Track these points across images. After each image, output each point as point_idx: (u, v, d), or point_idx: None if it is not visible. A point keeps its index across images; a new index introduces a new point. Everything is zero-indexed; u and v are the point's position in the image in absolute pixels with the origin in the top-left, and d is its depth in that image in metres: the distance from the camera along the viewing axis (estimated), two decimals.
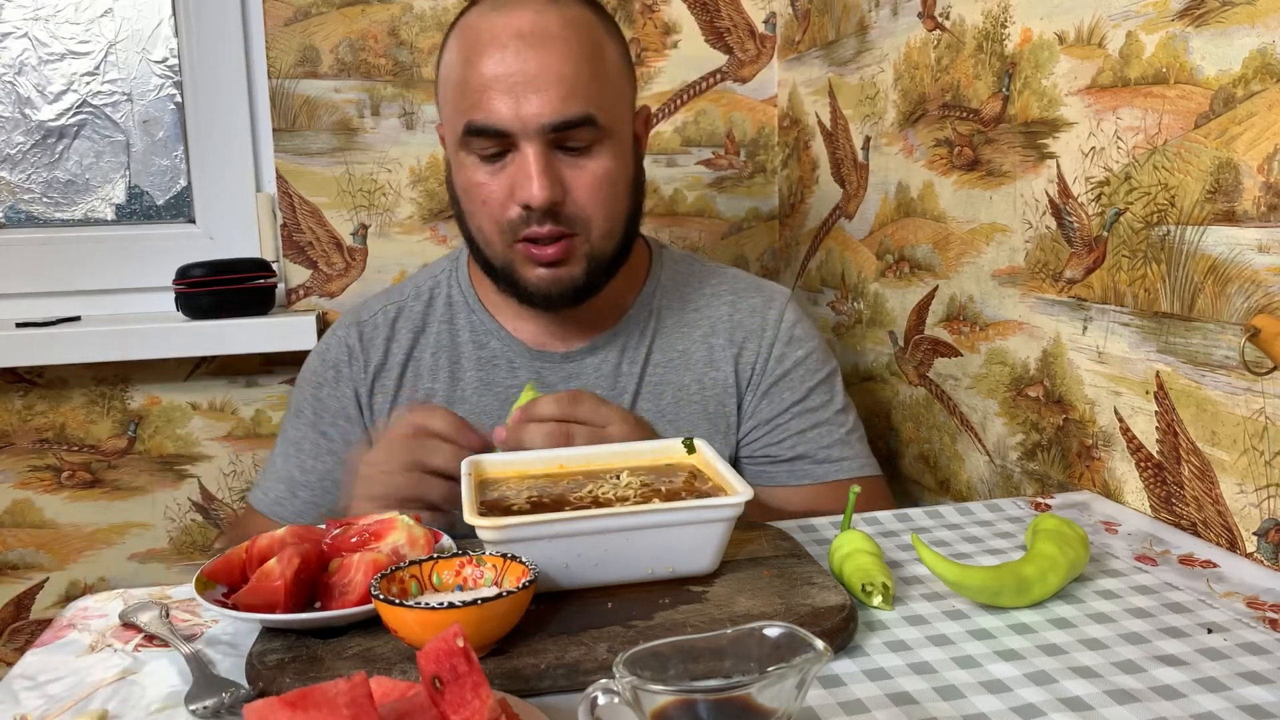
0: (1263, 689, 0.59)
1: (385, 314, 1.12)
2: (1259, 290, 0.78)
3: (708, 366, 1.11)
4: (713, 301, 1.14)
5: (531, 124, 0.95)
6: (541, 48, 0.95)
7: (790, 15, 1.62)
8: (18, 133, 1.54)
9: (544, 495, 0.75)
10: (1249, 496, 0.80)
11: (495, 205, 0.99)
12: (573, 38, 0.97)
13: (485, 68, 0.96)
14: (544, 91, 0.95)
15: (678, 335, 1.12)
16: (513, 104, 0.95)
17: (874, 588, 0.70)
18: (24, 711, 0.60)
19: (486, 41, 0.96)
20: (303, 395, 1.12)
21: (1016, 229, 1.08)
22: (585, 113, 0.96)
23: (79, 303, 1.54)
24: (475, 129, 0.96)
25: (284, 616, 0.64)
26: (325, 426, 1.09)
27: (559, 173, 0.97)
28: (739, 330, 1.12)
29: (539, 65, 0.95)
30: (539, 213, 0.96)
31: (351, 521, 0.73)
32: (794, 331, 1.13)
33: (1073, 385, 1.00)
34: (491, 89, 0.95)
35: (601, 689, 0.48)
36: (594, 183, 0.99)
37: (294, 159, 1.53)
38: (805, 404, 1.10)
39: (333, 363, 1.11)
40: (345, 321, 1.14)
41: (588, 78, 0.97)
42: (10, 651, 1.55)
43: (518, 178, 0.96)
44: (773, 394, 1.10)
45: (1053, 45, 1.00)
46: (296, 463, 1.09)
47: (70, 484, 1.54)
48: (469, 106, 0.97)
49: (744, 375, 1.11)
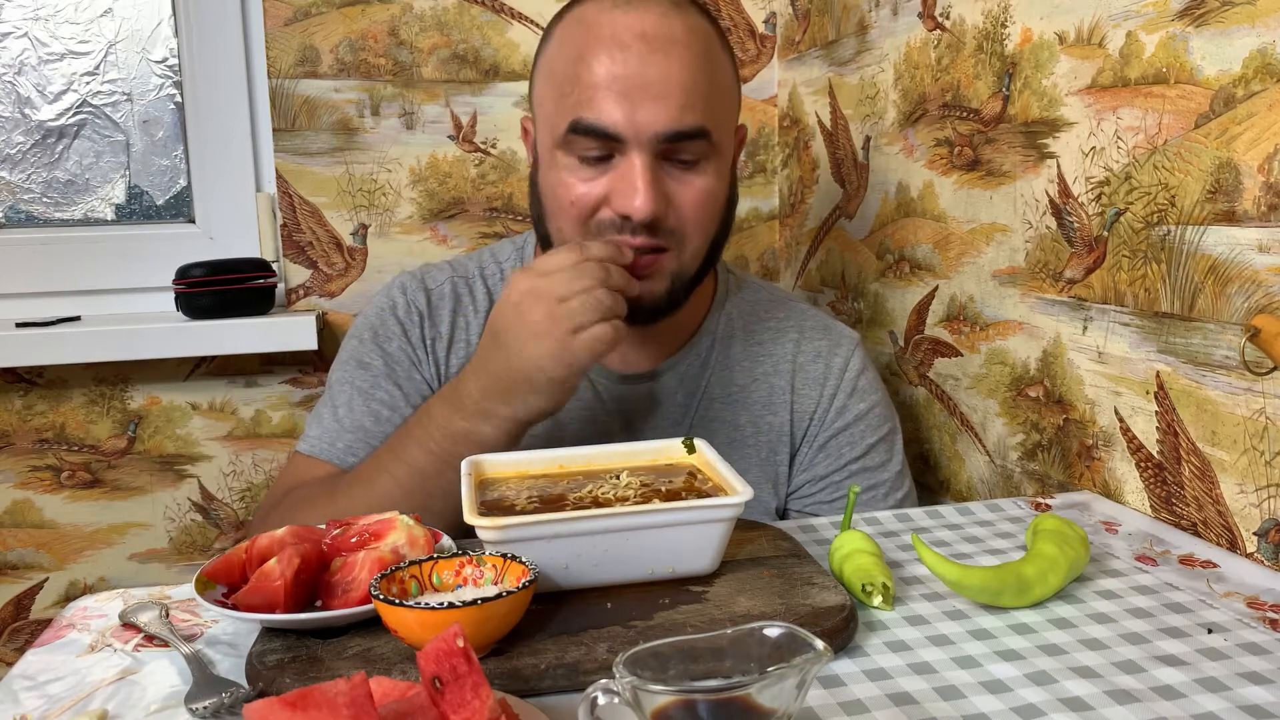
0: (1263, 689, 0.59)
1: (453, 286, 1.08)
2: (1259, 290, 0.78)
3: (765, 409, 1.06)
4: (778, 338, 1.08)
5: (646, 131, 0.90)
6: (664, 53, 0.90)
7: (790, 15, 1.62)
8: (18, 133, 1.54)
9: (544, 495, 0.75)
10: (1249, 496, 0.80)
11: (585, 208, 0.93)
12: (695, 45, 0.93)
13: (602, 65, 0.90)
14: (663, 99, 0.90)
15: (739, 370, 1.07)
16: (628, 107, 0.90)
17: (874, 588, 0.70)
18: (24, 711, 0.60)
19: (606, 38, 0.91)
20: (366, 347, 1.05)
21: (1016, 229, 1.08)
22: (700, 125, 0.92)
23: (79, 303, 1.54)
24: (583, 128, 0.91)
25: (284, 616, 0.64)
26: (400, 380, 1.04)
27: (664, 185, 0.92)
28: (800, 375, 1.07)
29: (661, 71, 0.90)
30: (635, 223, 0.91)
31: (351, 521, 0.73)
32: (858, 382, 1.07)
33: (1073, 385, 1.00)
34: (606, 88, 0.90)
35: (601, 689, 0.48)
36: (698, 199, 0.94)
37: (294, 159, 1.53)
38: (863, 462, 1.05)
39: (401, 319, 1.06)
40: (411, 284, 1.08)
41: (705, 90, 0.93)
42: (10, 651, 1.55)
43: (620, 185, 0.91)
44: (830, 448, 1.05)
45: (1053, 45, 1.00)
46: (368, 412, 1.02)
47: (70, 484, 1.54)
48: (578, 103, 0.91)
49: (800, 425, 1.06)
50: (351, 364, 1.06)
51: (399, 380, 1.04)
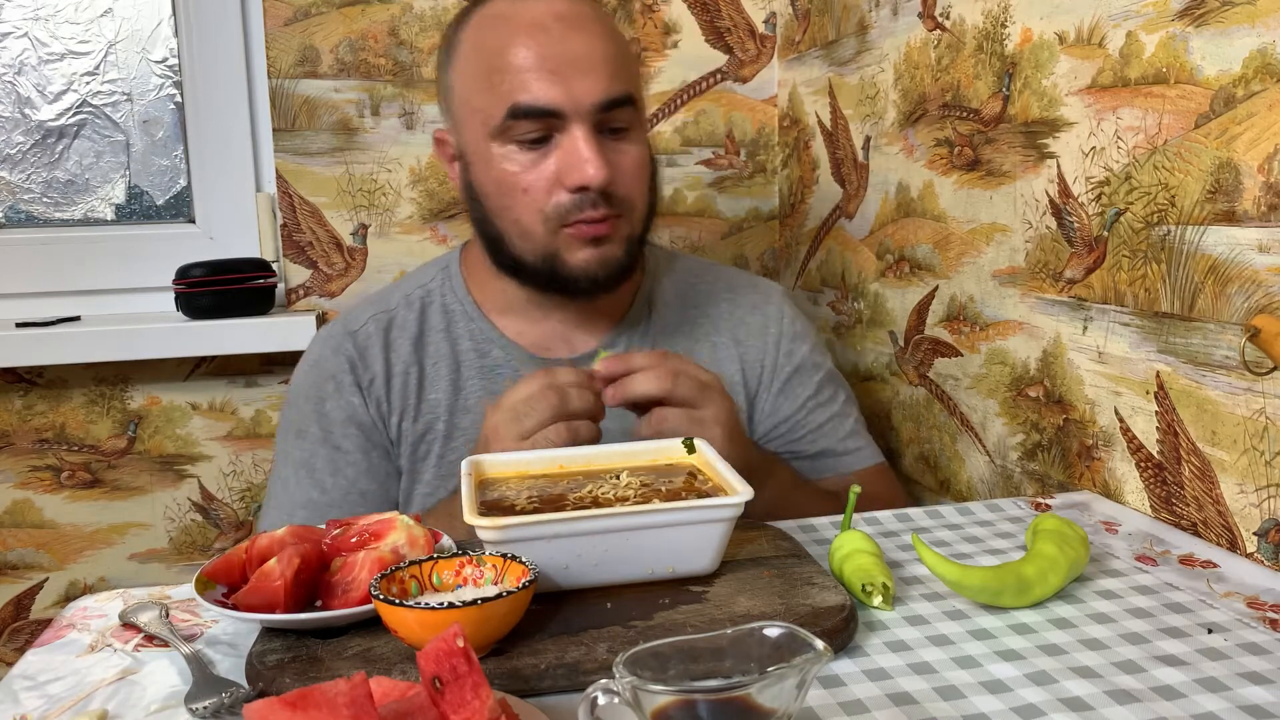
0: (1263, 689, 0.59)
1: (377, 323, 1.08)
2: (1259, 290, 0.78)
3: (712, 366, 1.09)
4: (711, 299, 1.14)
5: (584, 103, 0.94)
6: (583, 29, 0.96)
7: (790, 15, 1.62)
8: (18, 133, 1.54)
9: (544, 495, 0.75)
10: (1249, 496, 0.80)
11: (539, 193, 0.97)
12: (605, 21, 1.00)
13: (528, 49, 0.95)
14: (593, 71, 0.95)
15: (681, 334, 1.11)
16: (563, 83, 0.94)
17: (874, 588, 0.70)
18: (24, 711, 0.60)
19: (525, 24, 0.96)
20: (302, 413, 1.06)
21: (1016, 229, 1.08)
22: (628, 92, 0.97)
23: (79, 303, 1.54)
24: (523, 110, 0.95)
25: (284, 616, 0.64)
26: (338, 440, 1.04)
27: (607, 154, 0.97)
28: (741, 328, 1.13)
29: (585, 46, 0.96)
30: (592, 195, 0.95)
31: (351, 521, 0.72)
32: (795, 326, 1.14)
33: (1073, 385, 1.00)
34: (538, 69, 0.94)
35: (601, 689, 0.48)
36: (634, 165, 1.00)
37: (294, 159, 1.53)
38: (818, 398, 1.12)
39: (331, 374, 1.06)
40: (334, 333, 1.09)
41: (624, 60, 0.99)
42: (10, 651, 1.55)
43: (568, 161, 0.95)
44: (788, 391, 1.12)
45: (1053, 45, 1.00)
46: (313, 483, 1.03)
47: (70, 484, 1.54)
48: (512, 89, 0.95)
49: (752, 373, 1.11)
50: (290, 435, 1.07)
51: (336, 441, 1.05)
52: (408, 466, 1.07)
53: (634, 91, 0.99)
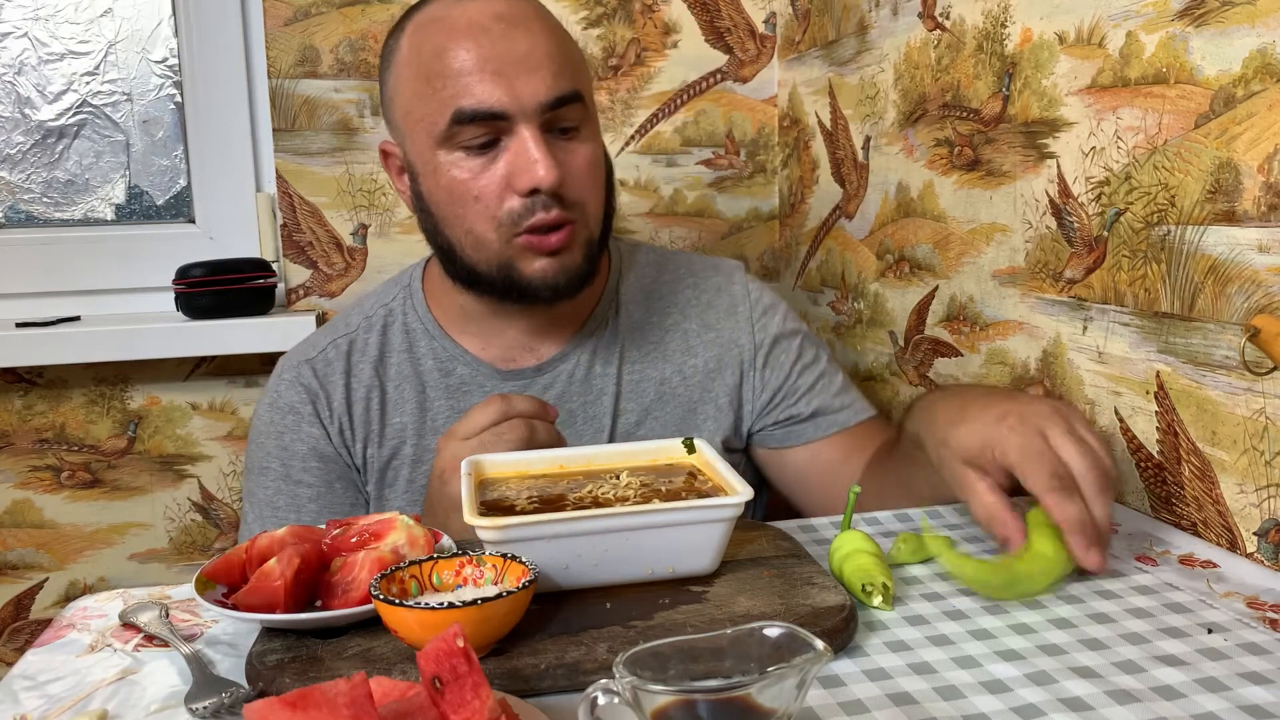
0: (1263, 689, 0.59)
1: (336, 348, 1.06)
2: (1259, 290, 0.78)
3: (684, 355, 1.10)
4: (675, 287, 1.13)
5: (530, 103, 0.92)
6: (524, 28, 0.93)
7: (790, 15, 1.62)
8: (18, 133, 1.54)
9: (544, 495, 0.75)
10: (1249, 496, 0.80)
11: (490, 199, 0.94)
12: (547, 18, 0.97)
13: (469, 51, 0.92)
14: (538, 70, 0.92)
15: (648, 326, 1.10)
16: (506, 84, 0.91)
17: (874, 588, 0.70)
18: (24, 711, 0.60)
19: (464, 26, 0.93)
20: (264, 450, 1.04)
21: (1016, 229, 1.08)
22: (575, 89, 0.94)
23: (79, 303, 1.54)
24: (468, 114, 0.92)
25: (284, 616, 0.64)
26: (298, 475, 1.03)
27: (557, 154, 0.94)
28: (709, 311, 1.12)
29: (527, 44, 0.93)
30: (544, 197, 0.93)
31: (351, 521, 0.72)
32: (763, 299, 1.14)
33: (1073, 385, 1.00)
34: (480, 71, 0.91)
35: (601, 689, 0.48)
36: (586, 165, 0.96)
37: (294, 159, 1.53)
38: (803, 360, 1.13)
39: (289, 408, 1.04)
40: (291, 364, 1.07)
41: (569, 56, 0.96)
42: (10, 651, 1.55)
43: (516, 164, 0.92)
44: (772, 362, 1.11)
45: (1053, 45, 1.00)
46: (276, 522, 1.00)
47: (70, 484, 1.54)
48: (455, 94, 0.92)
49: (731, 354, 1.11)
50: (255, 472, 1.05)
51: (297, 476, 1.03)
52: (375, 493, 1.05)
53: (582, 88, 0.96)
